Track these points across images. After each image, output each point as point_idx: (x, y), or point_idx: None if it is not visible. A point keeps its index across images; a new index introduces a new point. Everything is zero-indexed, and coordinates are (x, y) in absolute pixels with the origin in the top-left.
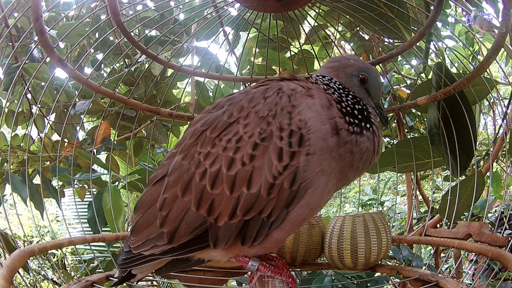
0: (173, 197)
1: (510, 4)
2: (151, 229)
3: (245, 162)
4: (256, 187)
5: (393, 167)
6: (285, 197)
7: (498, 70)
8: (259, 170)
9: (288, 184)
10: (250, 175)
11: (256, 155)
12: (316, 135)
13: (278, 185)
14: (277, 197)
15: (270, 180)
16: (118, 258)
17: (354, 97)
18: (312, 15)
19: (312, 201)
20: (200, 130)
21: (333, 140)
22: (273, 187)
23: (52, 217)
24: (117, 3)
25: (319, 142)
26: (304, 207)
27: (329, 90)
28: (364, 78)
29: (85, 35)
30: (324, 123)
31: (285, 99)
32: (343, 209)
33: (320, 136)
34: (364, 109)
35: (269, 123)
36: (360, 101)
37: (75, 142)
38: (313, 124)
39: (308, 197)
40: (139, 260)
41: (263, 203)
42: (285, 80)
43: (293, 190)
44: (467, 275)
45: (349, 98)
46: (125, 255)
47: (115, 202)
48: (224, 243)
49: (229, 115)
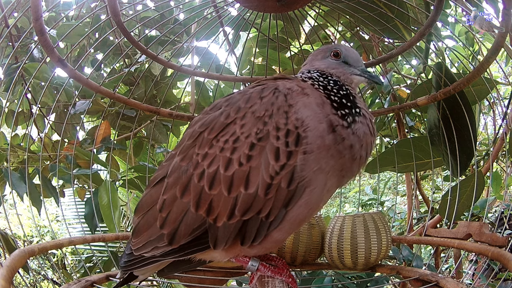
0: (173, 198)
1: (510, 4)
2: (151, 230)
3: (242, 162)
4: (254, 187)
5: (393, 167)
6: (283, 197)
7: (498, 70)
8: (256, 170)
9: (285, 183)
10: (247, 175)
11: (253, 155)
12: (313, 133)
13: (276, 184)
14: (275, 197)
15: (267, 180)
16: (120, 261)
17: (335, 82)
18: (312, 15)
19: (311, 200)
20: (198, 131)
21: (330, 138)
22: (270, 187)
23: (52, 217)
24: (117, 3)
25: (317, 140)
26: (303, 206)
27: (315, 84)
28: (336, 51)
29: (85, 35)
30: (321, 122)
31: (281, 99)
32: (343, 209)
33: (318, 134)
34: (348, 93)
35: (266, 123)
36: (343, 86)
37: (75, 142)
38: (310, 123)
39: (307, 196)
40: (141, 262)
41: (261, 203)
42: (280, 79)
43: (291, 190)
44: (467, 275)
45: (331, 84)
46: (127, 257)
47: (111, 198)
48: (223, 243)
49: (226, 115)
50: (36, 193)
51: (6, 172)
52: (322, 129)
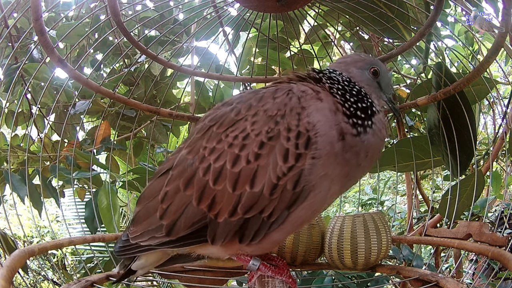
0: (175, 190)
1: (510, 4)
2: (150, 220)
3: (250, 160)
4: (259, 186)
5: (393, 167)
6: (287, 199)
7: (498, 70)
8: (264, 169)
9: (291, 185)
10: (254, 174)
11: (261, 153)
12: (324, 139)
13: (282, 185)
14: (279, 198)
15: (273, 180)
16: (115, 247)
17: (359, 91)
18: (312, 15)
19: (314, 204)
20: (207, 125)
21: (339, 145)
22: (276, 187)
23: (52, 217)
24: (117, 3)
25: (326, 146)
26: (305, 209)
27: (334, 88)
28: (376, 70)
29: (84, 35)
30: (332, 128)
31: (294, 100)
32: (343, 209)
33: (327, 140)
34: (368, 107)
35: (277, 122)
36: (365, 96)
37: (75, 142)
38: (321, 128)
39: (311, 199)
40: (135, 249)
41: (264, 202)
42: (295, 82)
43: (296, 192)
44: (467, 275)
45: (354, 93)
46: (122, 243)
47: (111, 201)
48: (221, 239)
49: (237, 112)
50: (37, 194)
51: (6, 174)
52: (332, 136)
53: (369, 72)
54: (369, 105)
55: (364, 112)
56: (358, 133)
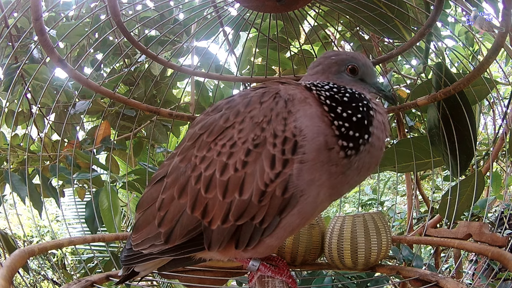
0: (170, 198)
1: (510, 4)
2: (150, 228)
3: (238, 168)
4: (248, 193)
5: (393, 167)
6: (277, 205)
7: (498, 70)
8: (251, 176)
9: (280, 191)
10: (242, 182)
11: (248, 161)
12: (311, 144)
13: (270, 192)
14: (269, 204)
15: (261, 187)
16: (121, 255)
17: (352, 96)
18: (312, 15)
19: (304, 209)
20: (198, 133)
21: (325, 155)
22: (264, 194)
23: (52, 217)
24: (117, 3)
25: (313, 152)
26: (296, 215)
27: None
28: (353, 67)
29: (85, 35)
30: (319, 135)
31: (281, 104)
32: (343, 209)
33: (315, 146)
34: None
35: (263, 129)
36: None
37: (75, 142)
38: (308, 133)
39: (300, 205)
40: (139, 258)
41: (254, 209)
42: (285, 84)
43: (285, 198)
44: (467, 275)
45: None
46: (127, 252)
47: (112, 202)
48: (217, 246)
49: (226, 119)
50: (37, 194)
51: (6, 173)
52: (319, 143)
53: (346, 72)
54: (363, 116)
55: (359, 127)
56: (346, 156)
